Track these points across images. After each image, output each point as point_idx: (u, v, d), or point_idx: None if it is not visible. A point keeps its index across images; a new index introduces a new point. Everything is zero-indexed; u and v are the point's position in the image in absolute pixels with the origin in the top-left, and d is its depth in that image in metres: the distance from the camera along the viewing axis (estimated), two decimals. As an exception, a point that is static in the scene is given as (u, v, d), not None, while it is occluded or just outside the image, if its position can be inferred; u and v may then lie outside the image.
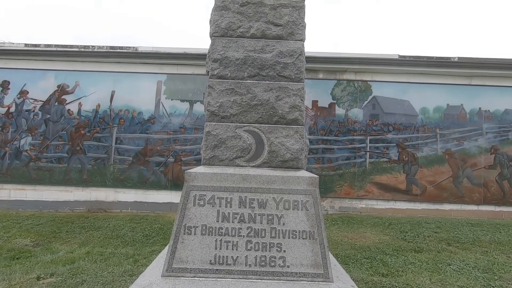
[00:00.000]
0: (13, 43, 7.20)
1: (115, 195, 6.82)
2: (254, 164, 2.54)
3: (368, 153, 6.95)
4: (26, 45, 6.97)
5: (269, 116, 2.58)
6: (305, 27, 2.74)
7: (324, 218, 5.95)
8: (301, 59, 2.66)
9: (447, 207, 6.77)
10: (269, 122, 2.58)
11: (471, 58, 6.77)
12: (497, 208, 6.75)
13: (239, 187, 2.38)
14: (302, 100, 2.63)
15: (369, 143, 6.97)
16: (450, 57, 6.76)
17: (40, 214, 6.18)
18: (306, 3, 2.80)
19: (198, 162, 6.81)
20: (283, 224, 2.31)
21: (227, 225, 2.30)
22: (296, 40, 2.68)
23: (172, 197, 6.80)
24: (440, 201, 6.77)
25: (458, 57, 6.74)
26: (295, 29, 2.69)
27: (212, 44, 2.67)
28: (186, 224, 2.29)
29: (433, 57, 6.78)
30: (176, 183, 6.81)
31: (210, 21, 2.75)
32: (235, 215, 2.32)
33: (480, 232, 5.37)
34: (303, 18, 2.73)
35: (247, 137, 2.55)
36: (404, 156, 6.92)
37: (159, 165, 6.91)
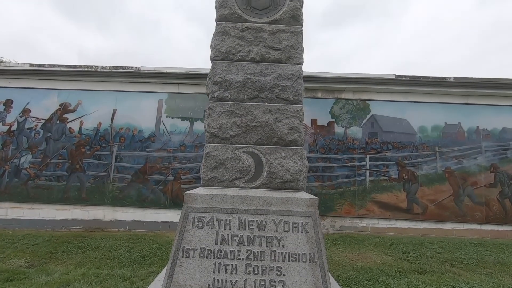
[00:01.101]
0: (18, 63, 7.36)
1: (113, 213, 6.75)
2: (253, 185, 2.54)
3: (368, 172, 6.95)
4: (31, 65, 7.12)
5: (268, 137, 2.61)
6: (303, 51, 2.83)
7: (325, 237, 5.87)
8: (300, 82, 2.73)
9: (449, 226, 6.68)
10: (268, 144, 2.61)
11: (466, 78, 6.91)
12: (500, 228, 6.66)
13: (238, 208, 2.37)
14: (301, 121, 2.67)
15: (369, 161, 6.98)
16: (446, 77, 6.90)
17: (37, 234, 6.09)
18: (304, 28, 2.91)
19: (197, 180, 6.79)
20: (283, 246, 2.28)
21: (226, 247, 2.27)
22: (294, 64, 2.75)
23: (171, 215, 6.73)
24: (442, 220, 6.70)
25: (454, 77, 6.88)
26: (293, 53, 2.77)
27: (212, 67, 2.75)
28: (184, 246, 2.27)
29: (429, 77, 6.92)
30: (175, 202, 6.76)
31: (211, 45, 2.84)
32: (234, 237, 2.30)
33: (483, 252, 5.28)
34: (301, 42, 2.82)
35: (247, 158, 2.57)
36: (404, 175, 6.91)
37: (158, 183, 6.88)
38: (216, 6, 2.86)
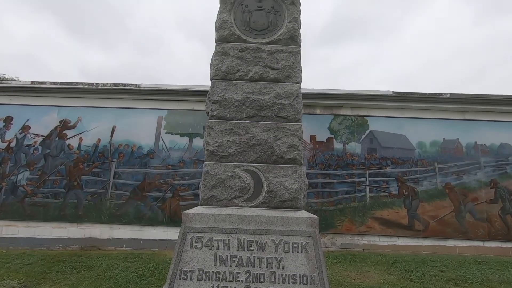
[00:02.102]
0: (20, 81, 7.44)
1: (110, 231, 6.63)
2: (252, 204, 2.52)
3: (367, 187, 6.90)
4: (32, 82, 7.20)
5: (267, 155, 2.61)
6: (301, 70, 2.88)
7: (326, 255, 5.76)
8: (298, 101, 2.76)
9: (451, 243, 6.57)
10: (267, 162, 2.60)
11: (462, 94, 7.00)
12: (503, 245, 6.55)
13: (237, 228, 2.34)
14: (300, 139, 2.68)
15: (368, 177, 6.95)
16: (442, 93, 6.99)
17: (31, 252, 5.95)
18: (303, 44, 2.97)
19: (196, 197, 6.72)
20: (283, 268, 2.23)
21: (225, 269, 2.22)
22: (293, 83, 2.80)
23: (169, 233, 6.61)
24: (444, 237, 6.60)
25: (450, 93, 6.97)
26: (291, 72, 2.82)
27: (212, 86, 2.78)
28: (182, 268, 2.22)
29: (425, 93, 7.01)
30: (173, 219, 6.66)
31: (211, 65, 2.89)
32: (233, 259, 2.25)
33: (488, 270, 5.17)
34: (299, 62, 2.87)
35: (246, 177, 2.56)
36: (404, 190, 6.87)
37: (157, 200, 6.81)
38: (216, 27, 2.93)
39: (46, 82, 7.21)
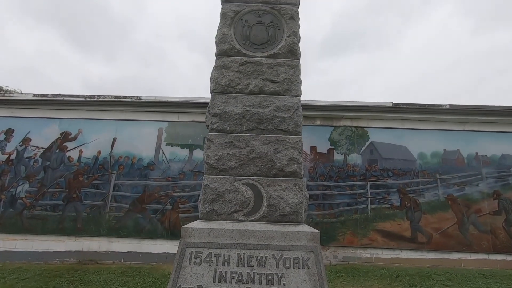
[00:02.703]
0: (22, 93, 7.51)
1: (108, 245, 6.54)
2: (252, 219, 2.48)
3: (369, 199, 6.84)
4: (34, 95, 7.26)
5: (267, 169, 2.59)
6: (300, 83, 2.89)
7: (328, 269, 5.64)
8: (298, 113, 2.76)
9: (456, 256, 6.46)
10: (267, 175, 2.58)
11: (462, 105, 7.03)
12: (509, 257, 6.43)
13: (237, 243, 2.30)
14: (300, 152, 2.66)
15: (370, 188, 6.90)
16: (441, 105, 7.02)
17: (28, 267, 5.85)
18: (303, 56, 3.00)
19: (195, 209, 6.66)
20: (284, 284, 2.18)
21: (225, 286, 2.17)
22: (292, 96, 2.80)
23: (168, 247, 6.51)
24: (448, 249, 6.48)
25: (449, 105, 7.00)
26: (291, 85, 2.83)
27: (212, 100, 2.79)
28: (180, 285, 2.17)
29: (425, 104, 7.04)
30: (172, 232, 6.57)
31: (211, 78, 2.91)
32: (233, 275, 2.20)
33: (494, 285, 5.06)
34: (298, 75, 2.89)
35: (246, 190, 2.53)
36: (406, 202, 6.80)
37: (156, 212, 6.74)
38: (216, 41, 2.97)
39: (48, 94, 7.27)
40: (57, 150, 7.08)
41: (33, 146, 7.10)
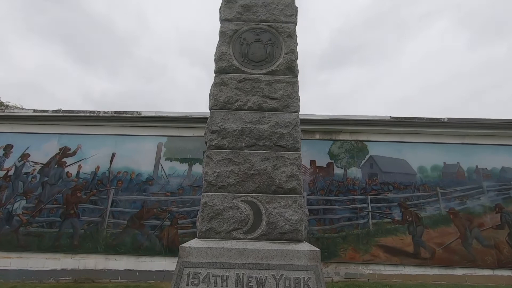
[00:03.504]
0: (23, 109, 7.55)
1: (105, 262, 6.40)
2: (252, 237, 2.44)
3: (370, 213, 6.76)
4: (35, 111, 7.30)
5: (266, 185, 2.57)
6: (299, 99, 2.91)
7: (329, 286, 5.50)
8: (297, 130, 2.77)
9: (460, 272, 6.32)
10: (267, 192, 2.56)
11: (460, 118, 7.06)
12: (514, 273, 6.29)
13: (236, 263, 2.25)
14: (299, 169, 2.65)
15: (370, 202, 6.83)
16: (440, 118, 7.06)
17: (22, 286, 5.71)
18: (302, 70, 3.03)
19: (194, 225, 6.56)
20: (284, 306, 2.12)
21: (223, 308, 2.11)
22: (291, 112, 2.82)
23: (166, 264, 6.37)
24: (451, 265, 6.35)
25: (448, 118, 7.03)
26: (289, 102, 2.85)
27: (211, 116, 2.80)
28: (178, 307, 2.10)
29: (423, 118, 7.08)
30: (171, 249, 6.45)
31: (210, 95, 2.93)
32: (232, 296, 2.14)
33: (500, 302, 4.92)
34: (296, 91, 2.92)
35: (245, 208, 2.50)
36: (407, 216, 6.72)
37: (154, 228, 6.64)
38: (215, 59, 3.01)
39: (48, 110, 7.30)
40: (56, 166, 7.05)
41: (32, 161, 7.07)
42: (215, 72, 2.96)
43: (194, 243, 2.37)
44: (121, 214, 6.74)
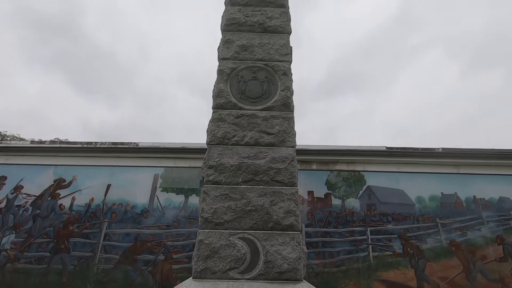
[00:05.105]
0: (19, 140, 7.56)
1: (94, 302, 6.06)
2: (249, 277, 2.36)
3: (370, 246, 6.59)
4: (31, 142, 7.31)
5: (264, 222, 2.53)
6: (295, 135, 2.97)
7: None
8: (293, 165, 2.79)
9: (466, 308, 6.05)
10: (264, 229, 2.52)
11: (454, 149, 7.16)
12: (522, 309, 6.04)
13: (232, 306, 2.15)
14: (296, 204, 2.63)
15: (370, 234, 6.69)
16: (434, 148, 7.15)
17: (3, 329, 5.33)
18: (299, 99, 3.11)
19: (189, 260, 6.32)
20: None
21: None
22: (287, 147, 2.86)
23: (159, 302, 6.05)
24: (457, 301, 6.10)
25: (442, 148, 7.13)
26: (286, 137, 2.90)
27: (208, 152, 2.83)
28: None
29: (418, 148, 7.17)
30: (165, 286, 6.15)
31: (207, 130, 2.98)
32: None
33: None
34: (292, 127, 2.98)
35: (242, 246, 2.44)
36: (408, 249, 6.55)
37: (148, 263, 6.38)
38: (213, 95, 3.10)
39: (46, 141, 7.32)
40: (49, 198, 6.91)
41: (25, 194, 6.94)
42: (213, 108, 3.04)
43: (188, 284, 2.29)
44: (113, 248, 6.50)
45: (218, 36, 3.48)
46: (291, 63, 3.29)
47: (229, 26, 3.41)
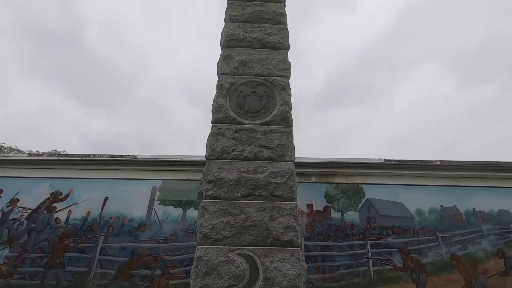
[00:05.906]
0: (17, 153, 7.52)
1: (88, 319, 5.89)
2: (248, 295, 2.31)
3: (370, 260, 6.50)
4: (29, 154, 7.27)
5: (263, 237, 2.51)
6: (294, 149, 2.98)
7: None
8: (292, 179, 2.78)
9: (469, 325, 5.93)
10: (263, 244, 2.49)
11: (452, 161, 7.19)
12: (526, 325, 5.92)
13: (231, 325, 2.10)
14: (296, 219, 2.61)
15: (370, 248, 6.61)
16: (432, 161, 7.17)
17: None
18: (298, 112, 3.13)
19: (187, 275, 6.20)
20: None
21: None
22: (286, 161, 2.86)
23: (155, 320, 5.89)
24: (460, 317, 5.98)
25: (440, 161, 7.15)
26: (285, 151, 2.91)
27: (207, 166, 2.82)
28: None
29: (416, 161, 7.19)
30: (161, 302, 6.01)
31: (206, 145, 2.99)
32: None
33: None
34: (291, 141, 2.99)
35: (241, 262, 2.41)
36: (409, 263, 6.47)
37: (144, 278, 6.25)
38: (212, 110, 3.13)
39: (43, 154, 7.29)
40: (45, 211, 6.82)
41: (20, 207, 6.84)
42: (212, 122, 3.05)
43: (186, 302, 2.24)
44: (109, 263, 6.38)
45: (218, 51, 3.55)
46: (289, 78, 3.34)
47: (228, 42, 3.48)
